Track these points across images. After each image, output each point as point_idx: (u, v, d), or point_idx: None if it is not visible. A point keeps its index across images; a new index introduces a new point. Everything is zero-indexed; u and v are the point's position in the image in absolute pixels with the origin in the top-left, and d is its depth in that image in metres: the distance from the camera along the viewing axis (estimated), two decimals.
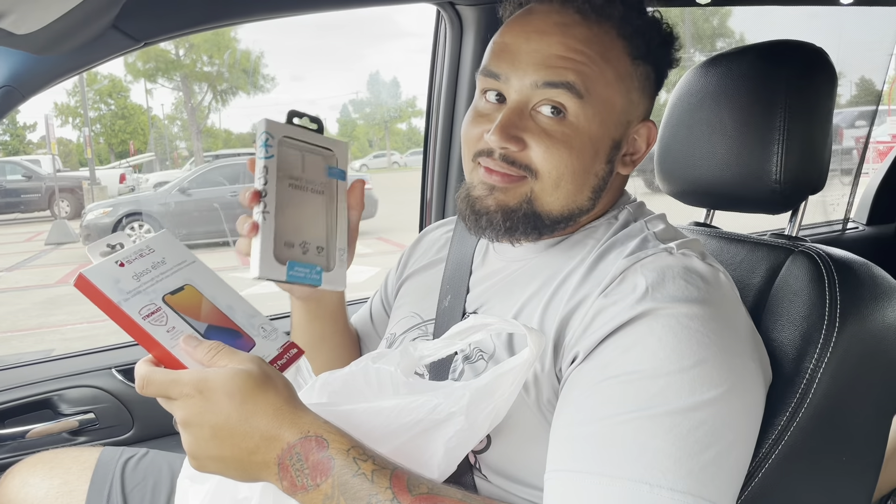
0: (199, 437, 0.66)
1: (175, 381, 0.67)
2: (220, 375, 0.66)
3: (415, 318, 0.99)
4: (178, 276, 0.77)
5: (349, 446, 0.65)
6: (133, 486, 1.10)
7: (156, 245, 0.78)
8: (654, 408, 0.66)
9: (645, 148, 0.88)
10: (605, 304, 0.74)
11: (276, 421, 0.65)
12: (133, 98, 20.89)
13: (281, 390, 0.67)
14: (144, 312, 0.71)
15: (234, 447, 0.65)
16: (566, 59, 0.79)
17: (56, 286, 7.87)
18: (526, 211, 0.82)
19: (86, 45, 1.08)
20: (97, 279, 0.70)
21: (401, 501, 0.62)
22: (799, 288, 0.86)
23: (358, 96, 28.63)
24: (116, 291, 0.70)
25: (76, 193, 12.81)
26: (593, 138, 0.81)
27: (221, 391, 0.65)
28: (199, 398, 0.65)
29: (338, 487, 0.63)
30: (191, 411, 0.66)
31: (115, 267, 0.72)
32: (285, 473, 0.65)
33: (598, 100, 0.80)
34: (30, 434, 1.44)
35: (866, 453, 0.90)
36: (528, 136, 0.80)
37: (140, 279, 0.73)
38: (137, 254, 0.75)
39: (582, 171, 0.82)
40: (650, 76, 0.86)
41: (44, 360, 1.59)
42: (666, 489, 0.63)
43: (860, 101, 7.07)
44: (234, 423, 0.65)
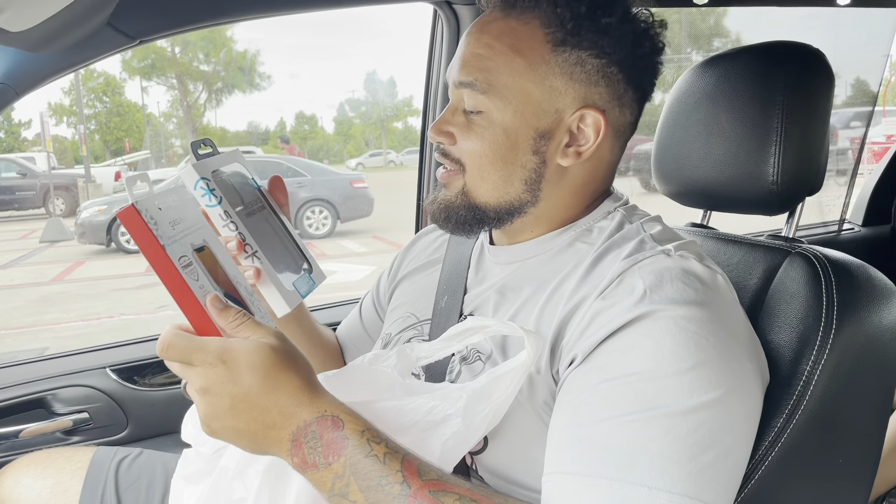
0: (216, 406, 0.66)
1: (199, 347, 0.66)
2: (245, 347, 0.65)
3: (410, 318, 0.99)
4: (200, 234, 0.74)
5: (364, 428, 0.66)
6: (127, 486, 1.09)
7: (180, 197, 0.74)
8: (653, 410, 0.66)
9: (594, 137, 0.84)
10: (602, 306, 0.74)
11: (295, 398, 0.65)
12: (128, 96, 20.85)
13: (302, 368, 0.68)
14: (183, 262, 0.67)
15: (251, 420, 0.65)
16: (476, 55, 0.83)
17: (50, 284, 7.85)
18: (463, 202, 0.87)
19: (80, 42, 1.07)
20: (145, 215, 0.66)
21: (410, 485, 0.63)
22: (796, 290, 0.86)
23: (354, 95, 28.63)
24: (161, 234, 0.67)
25: (71, 191, 12.79)
26: (508, 129, 0.83)
27: (245, 363, 0.65)
28: (222, 368, 0.65)
29: (349, 467, 0.64)
30: (212, 380, 0.65)
31: (156, 208, 0.68)
32: (298, 450, 0.65)
33: (506, 91, 0.82)
34: (23, 434, 1.44)
35: (863, 455, 0.90)
36: (456, 130, 0.85)
37: (174, 227, 0.69)
38: (169, 199, 0.71)
39: (501, 162, 0.84)
40: (584, 62, 0.82)
41: (37, 360, 1.58)
42: (664, 492, 0.63)
43: (855, 101, 7.10)
44: (254, 397, 0.65)
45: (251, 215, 0.88)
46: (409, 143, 23.96)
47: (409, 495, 0.62)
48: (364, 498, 0.63)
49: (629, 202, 0.91)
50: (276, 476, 0.75)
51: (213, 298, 0.68)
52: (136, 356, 1.57)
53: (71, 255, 9.33)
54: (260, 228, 0.88)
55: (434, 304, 0.96)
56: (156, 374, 1.56)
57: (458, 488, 0.64)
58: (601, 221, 0.87)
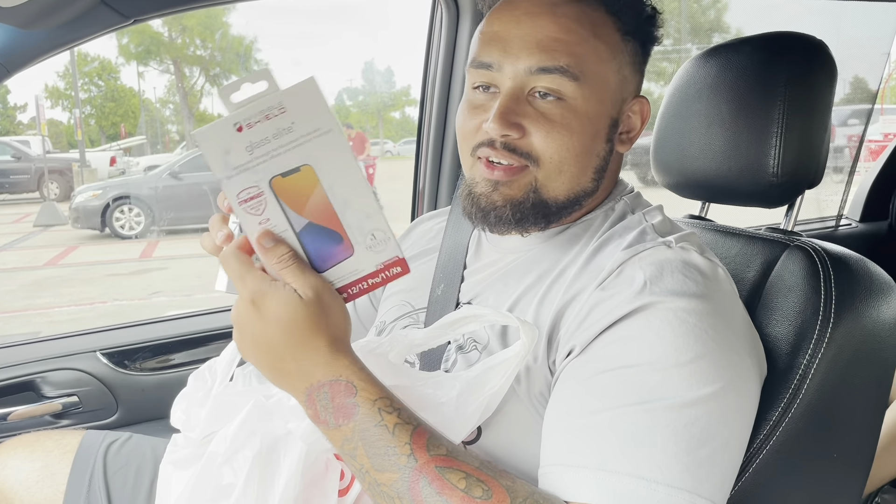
0: (239, 336, 0.69)
1: (242, 276, 0.66)
2: (278, 296, 0.65)
3: (406, 306, 0.98)
4: (300, 152, 0.65)
5: (377, 397, 0.65)
6: (115, 471, 1.08)
7: (291, 103, 0.64)
8: (651, 402, 0.66)
9: (640, 125, 0.87)
10: (602, 297, 0.73)
11: (312, 358, 0.66)
12: (124, 80, 20.74)
13: (330, 328, 0.67)
14: (243, 196, 0.64)
15: (269, 362, 0.68)
16: (559, 40, 0.78)
17: (44, 268, 7.82)
18: (534, 201, 0.81)
19: (74, 20, 1.05)
20: (207, 145, 0.62)
21: (417, 458, 0.63)
22: (794, 283, 0.85)
23: (352, 84, 28.52)
24: (222, 165, 0.63)
25: (66, 175, 12.71)
26: (592, 118, 0.80)
27: (272, 312, 0.65)
28: (252, 308, 0.66)
29: (358, 433, 0.64)
30: (241, 314, 0.67)
31: (232, 131, 0.63)
32: (311, 404, 0.66)
33: (593, 79, 0.79)
34: (11, 416, 1.42)
35: (857, 450, 0.89)
36: (527, 121, 0.79)
37: (253, 152, 0.64)
38: (263, 114, 0.63)
39: (584, 153, 0.81)
40: (638, 52, 0.85)
41: (28, 342, 1.56)
42: (663, 485, 0.63)
43: (853, 99, 7.11)
44: (274, 346, 0.66)
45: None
46: (406, 133, 23.90)
47: (414, 468, 0.62)
48: (370, 464, 0.64)
49: (634, 190, 0.90)
50: (266, 462, 0.74)
51: (262, 235, 0.65)
52: (127, 340, 1.56)
53: (65, 239, 9.28)
54: None
55: (430, 292, 0.95)
56: (147, 358, 1.55)
57: (466, 466, 0.63)
58: (606, 210, 0.87)
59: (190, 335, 1.60)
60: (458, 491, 0.61)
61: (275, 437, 0.76)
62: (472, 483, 0.62)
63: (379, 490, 0.64)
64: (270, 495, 0.73)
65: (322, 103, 0.64)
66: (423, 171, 1.76)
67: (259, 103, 0.63)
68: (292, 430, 0.74)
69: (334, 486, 0.77)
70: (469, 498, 0.61)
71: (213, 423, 0.80)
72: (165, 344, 1.58)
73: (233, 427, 0.77)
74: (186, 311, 1.73)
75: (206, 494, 0.76)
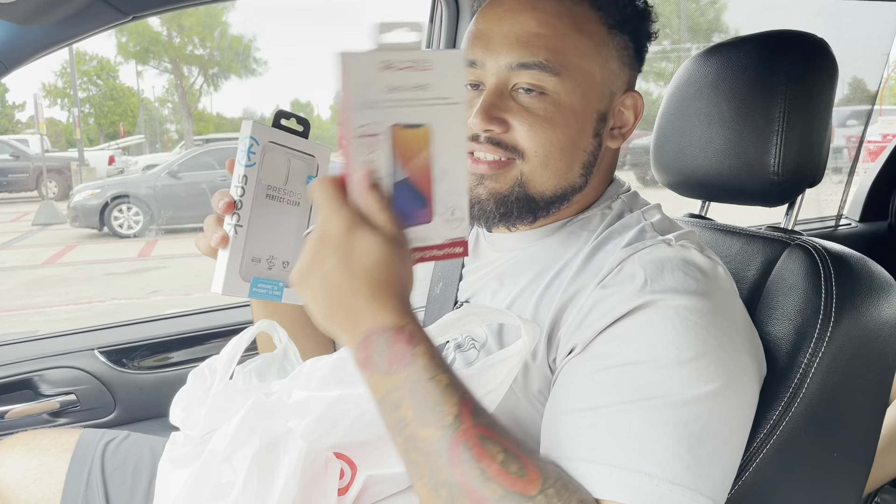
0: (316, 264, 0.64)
1: (335, 206, 0.63)
2: (373, 232, 0.62)
3: None
4: (427, 112, 0.66)
5: (435, 354, 0.64)
6: (113, 469, 1.08)
7: (438, 64, 0.65)
8: (653, 399, 0.66)
9: (633, 120, 0.87)
10: (602, 294, 0.73)
11: (384, 301, 0.63)
12: (123, 79, 20.72)
13: (405, 280, 0.65)
14: (362, 131, 0.63)
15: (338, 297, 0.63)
16: (538, 35, 0.78)
17: (42, 267, 7.81)
18: (518, 195, 0.81)
19: (72, 16, 1.05)
20: (351, 70, 0.61)
21: (462, 422, 0.61)
22: (794, 281, 0.85)
23: None
24: (355, 95, 0.62)
25: (64, 174, 12.71)
26: (576, 112, 0.80)
27: (365, 245, 0.62)
28: (345, 235, 0.62)
29: (409, 384, 0.62)
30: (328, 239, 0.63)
31: (377, 67, 0.62)
32: (365, 347, 0.63)
33: (575, 73, 0.79)
34: (9, 415, 1.42)
35: (857, 449, 0.89)
36: (510, 116, 0.79)
37: (389, 94, 0.63)
38: (411, 62, 0.64)
39: (569, 147, 0.81)
40: (628, 46, 0.84)
41: (25, 340, 1.56)
42: (665, 481, 0.63)
43: (853, 100, 7.12)
44: (353, 281, 0.63)
45: (274, 199, 0.83)
46: None
47: (458, 430, 0.61)
48: (415, 415, 0.62)
49: (631, 189, 0.90)
50: (265, 460, 0.74)
51: (365, 174, 0.63)
52: (126, 338, 1.55)
53: (63, 238, 9.28)
54: (271, 215, 0.83)
55: (428, 291, 0.95)
56: (145, 356, 1.55)
57: (505, 441, 0.62)
58: (604, 209, 0.87)
59: (188, 333, 1.60)
60: (496, 463, 0.61)
61: (274, 435, 0.75)
62: (510, 458, 0.61)
63: (414, 444, 0.62)
64: (270, 494, 0.73)
65: (463, 77, 0.66)
66: None
67: (412, 52, 0.63)
68: (292, 428, 0.74)
69: (334, 484, 0.77)
70: (505, 472, 0.61)
71: (212, 421, 0.80)
72: (164, 342, 1.58)
73: (232, 425, 0.76)
74: (185, 309, 1.73)
75: (205, 493, 0.76)
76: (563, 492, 0.61)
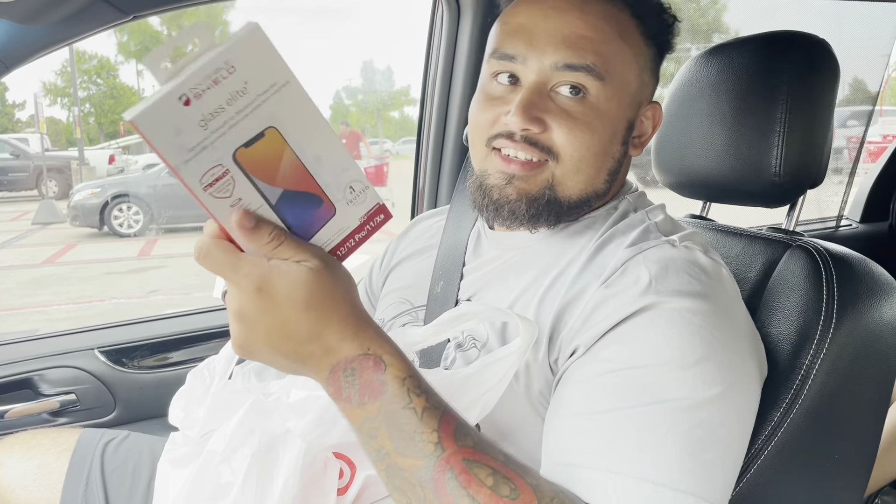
0: (250, 333, 0.59)
1: (235, 268, 0.58)
2: (286, 276, 0.57)
3: (405, 303, 0.98)
4: (260, 115, 0.56)
5: (406, 375, 0.60)
6: (113, 469, 1.08)
7: (238, 59, 0.53)
8: (657, 404, 0.65)
9: (651, 130, 0.87)
10: (606, 295, 0.73)
11: (338, 332, 0.59)
12: (123, 78, 20.72)
13: (348, 295, 0.61)
14: (207, 180, 0.55)
15: (288, 350, 0.60)
16: (586, 37, 0.77)
17: (42, 266, 7.81)
18: (549, 198, 0.80)
19: (72, 16, 1.05)
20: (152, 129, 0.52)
21: (444, 448, 0.59)
22: (796, 283, 0.85)
23: (351, 83, 28.50)
24: (176, 149, 0.53)
25: (64, 173, 12.71)
26: (612, 119, 0.80)
27: (285, 294, 0.57)
28: (259, 297, 0.57)
29: (383, 414, 0.59)
30: (246, 307, 0.58)
31: (178, 107, 0.52)
32: (334, 381, 0.60)
33: (616, 80, 0.79)
34: (8, 414, 1.42)
35: (859, 450, 0.89)
36: (549, 117, 0.78)
37: (208, 125, 0.54)
38: (211, 80, 0.53)
39: (601, 153, 0.80)
40: (656, 57, 0.85)
41: (25, 339, 1.56)
42: (668, 488, 0.62)
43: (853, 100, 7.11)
44: (293, 330, 0.59)
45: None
46: (406, 132, 23.89)
47: (441, 458, 0.59)
48: (393, 447, 0.59)
49: (637, 189, 0.90)
50: (264, 460, 0.74)
51: (240, 218, 0.56)
52: (126, 338, 1.55)
53: (63, 237, 9.28)
54: None
55: (430, 289, 0.94)
56: (145, 356, 1.55)
57: (492, 461, 0.60)
58: (609, 208, 0.87)
59: (188, 333, 1.60)
60: (486, 488, 0.58)
61: (273, 435, 0.75)
62: (500, 480, 0.59)
63: (398, 474, 0.60)
64: (269, 494, 0.73)
65: (273, 52, 0.55)
66: (423, 170, 1.76)
67: (202, 67, 0.52)
68: (291, 428, 0.74)
69: (333, 484, 0.77)
70: (496, 496, 0.58)
71: (211, 421, 0.80)
72: (163, 342, 1.57)
73: (231, 425, 0.76)
74: (185, 309, 1.73)
75: (205, 493, 0.75)
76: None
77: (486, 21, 1.54)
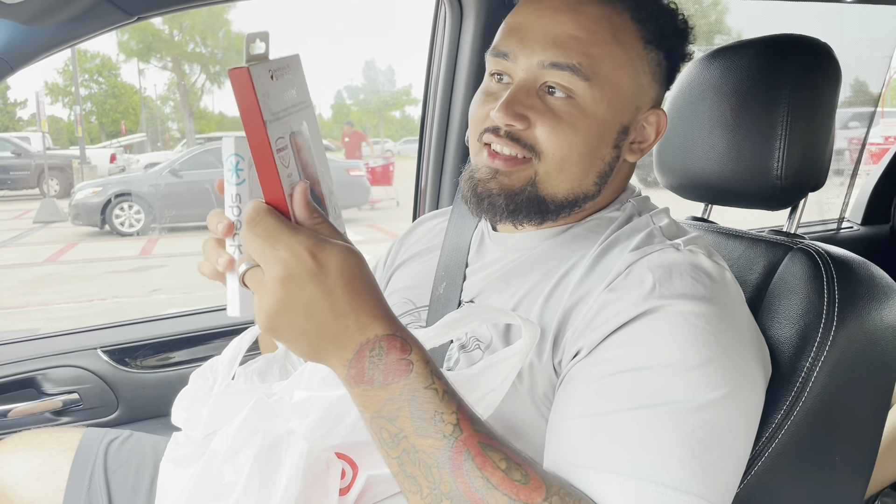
0: (292, 299, 0.60)
1: (292, 232, 0.59)
2: (335, 250, 0.60)
3: (407, 304, 0.98)
4: (300, 117, 0.65)
5: (428, 359, 0.62)
6: (116, 468, 1.08)
7: (293, 70, 0.65)
8: (659, 405, 0.66)
9: (654, 136, 0.87)
10: (610, 298, 0.73)
11: (372, 311, 0.61)
12: (125, 77, 20.74)
13: (375, 281, 0.64)
14: (279, 145, 0.60)
15: (323, 322, 0.61)
16: (574, 37, 0.78)
17: (43, 265, 7.82)
18: (530, 194, 0.81)
19: (77, 17, 1.05)
20: (257, 83, 0.58)
21: (462, 429, 0.60)
22: (797, 285, 0.85)
23: (353, 82, 28.49)
24: (266, 108, 0.59)
25: (66, 172, 12.71)
26: (600, 121, 0.80)
27: (336, 262, 0.60)
28: (311, 261, 0.59)
29: (407, 393, 0.60)
30: (298, 271, 0.59)
31: (267, 77, 0.60)
32: (359, 362, 0.61)
33: (605, 82, 0.79)
34: (11, 413, 1.42)
35: (859, 453, 0.89)
36: (533, 114, 0.79)
37: (281, 104, 0.62)
38: (282, 72, 0.63)
39: (587, 154, 0.81)
40: (661, 63, 0.85)
41: (28, 339, 1.56)
42: (670, 488, 0.63)
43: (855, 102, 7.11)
44: (336, 300, 0.60)
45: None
46: (407, 132, 23.88)
47: (460, 439, 0.60)
48: (412, 427, 0.60)
49: (641, 193, 0.90)
50: (267, 461, 0.74)
51: (304, 189, 0.62)
52: (128, 338, 1.56)
53: (64, 236, 9.29)
54: None
55: (432, 290, 0.95)
56: (147, 356, 1.55)
57: (505, 448, 0.62)
58: (613, 212, 0.87)
59: (191, 333, 1.60)
60: (499, 471, 0.60)
61: (276, 435, 0.75)
62: (512, 466, 0.61)
63: (413, 458, 0.61)
64: (271, 494, 0.73)
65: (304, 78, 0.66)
66: (425, 170, 1.76)
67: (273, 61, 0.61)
68: (294, 428, 0.74)
69: (335, 484, 0.77)
70: (509, 480, 0.60)
71: (214, 421, 0.80)
72: (166, 342, 1.58)
73: (234, 425, 0.76)
74: (186, 308, 1.73)
75: (207, 493, 0.76)
76: (567, 499, 0.61)
77: (488, 21, 1.54)
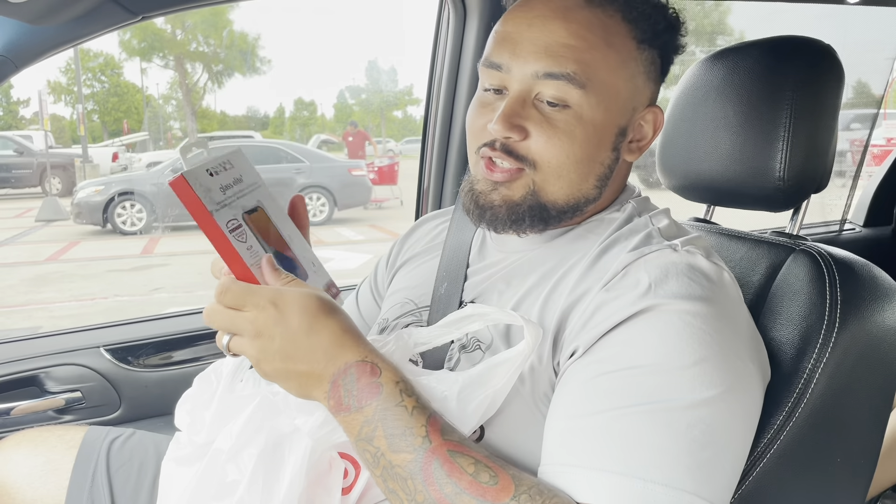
0: (267, 348, 0.69)
1: (253, 292, 0.69)
2: (295, 293, 0.69)
3: (409, 304, 0.98)
4: (253, 197, 0.78)
5: (398, 379, 0.68)
6: (118, 466, 1.09)
7: (234, 161, 0.78)
8: (652, 403, 0.66)
9: (652, 134, 0.87)
10: (606, 298, 0.74)
11: (338, 341, 0.69)
12: (127, 76, 20.75)
13: (344, 317, 0.71)
14: (231, 226, 0.72)
15: (298, 361, 0.68)
16: (567, 45, 0.78)
17: (45, 263, 7.83)
18: (531, 203, 0.81)
19: (82, 16, 1.05)
20: (194, 184, 0.71)
21: (432, 441, 0.65)
22: (799, 287, 0.85)
23: (355, 82, 28.51)
24: (209, 200, 0.71)
25: (68, 171, 12.73)
26: (597, 126, 0.80)
27: (295, 306, 0.68)
28: (273, 310, 0.68)
29: (379, 413, 0.66)
30: (262, 322, 0.68)
31: (206, 175, 0.73)
32: (335, 392, 0.68)
33: (601, 87, 0.79)
34: (14, 411, 1.43)
35: (860, 455, 0.89)
36: (530, 125, 0.79)
37: (225, 192, 0.74)
38: (222, 166, 0.75)
39: (586, 160, 0.81)
40: (655, 61, 0.84)
41: (31, 337, 1.57)
42: (660, 485, 0.63)
43: (856, 103, 7.12)
44: (302, 338, 0.68)
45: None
46: (409, 132, 23.88)
47: (428, 450, 0.65)
48: (387, 445, 0.66)
49: (641, 194, 0.90)
50: (270, 459, 0.74)
51: (269, 259, 0.73)
52: (131, 336, 1.56)
53: (66, 234, 9.29)
54: None
55: (433, 290, 0.95)
56: (150, 354, 1.56)
57: (475, 454, 0.65)
58: (613, 213, 0.87)
59: (193, 332, 1.60)
60: (467, 475, 0.64)
61: (280, 433, 0.76)
62: (481, 469, 0.64)
63: (392, 472, 0.66)
64: (275, 492, 0.74)
65: (252, 165, 0.80)
66: (427, 170, 1.76)
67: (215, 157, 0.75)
68: (299, 425, 0.74)
69: (338, 483, 0.78)
70: (476, 482, 0.63)
71: (217, 425, 0.80)
72: (169, 340, 1.58)
73: (238, 424, 0.77)
74: (188, 307, 1.74)
75: (210, 491, 0.76)
76: (536, 497, 0.63)
77: (491, 23, 1.54)
